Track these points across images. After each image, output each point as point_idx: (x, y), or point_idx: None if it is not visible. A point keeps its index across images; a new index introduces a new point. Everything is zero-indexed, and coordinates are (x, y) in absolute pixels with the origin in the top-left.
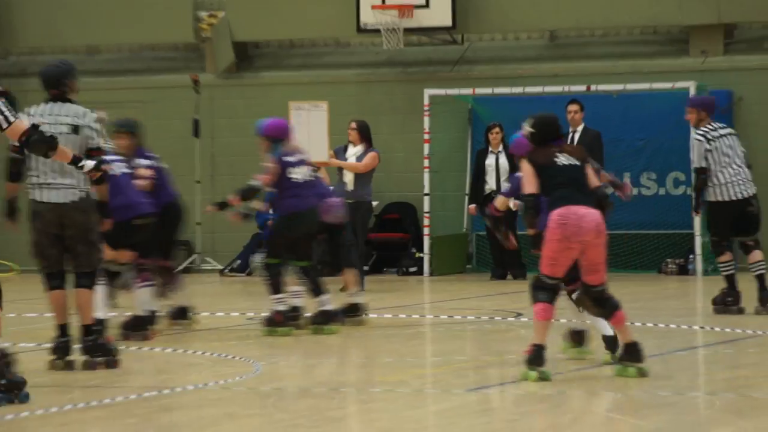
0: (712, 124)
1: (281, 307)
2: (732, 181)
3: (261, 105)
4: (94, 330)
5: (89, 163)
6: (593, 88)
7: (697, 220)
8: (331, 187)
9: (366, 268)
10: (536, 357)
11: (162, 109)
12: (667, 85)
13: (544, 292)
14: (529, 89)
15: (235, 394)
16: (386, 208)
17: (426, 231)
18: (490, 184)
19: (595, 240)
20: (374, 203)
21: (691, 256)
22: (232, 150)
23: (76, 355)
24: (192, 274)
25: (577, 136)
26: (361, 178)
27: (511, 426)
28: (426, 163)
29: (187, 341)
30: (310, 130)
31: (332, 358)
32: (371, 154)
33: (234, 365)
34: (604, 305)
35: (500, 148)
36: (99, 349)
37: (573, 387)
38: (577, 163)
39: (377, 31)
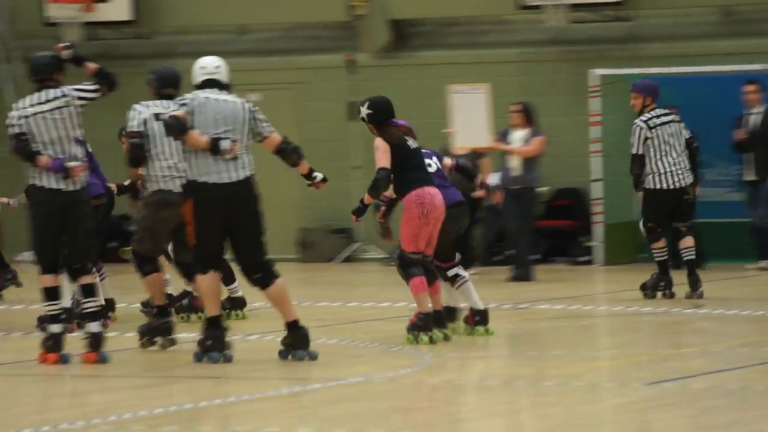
0: (657, 110)
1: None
2: (671, 170)
3: (418, 86)
4: None
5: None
6: None
7: None
8: (499, 173)
9: (538, 256)
10: (425, 324)
11: (315, 91)
12: None
13: (414, 266)
14: (703, 68)
15: (402, 387)
16: (556, 195)
17: (598, 218)
18: None
19: (441, 216)
20: (544, 189)
21: None
22: None
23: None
24: (353, 263)
25: (754, 118)
26: (528, 163)
27: (692, 422)
28: (593, 147)
29: (350, 332)
30: (470, 114)
31: (503, 350)
32: (539, 138)
33: (401, 357)
34: (429, 273)
35: None
36: None
37: (757, 381)
38: (419, 146)
39: (540, 7)
